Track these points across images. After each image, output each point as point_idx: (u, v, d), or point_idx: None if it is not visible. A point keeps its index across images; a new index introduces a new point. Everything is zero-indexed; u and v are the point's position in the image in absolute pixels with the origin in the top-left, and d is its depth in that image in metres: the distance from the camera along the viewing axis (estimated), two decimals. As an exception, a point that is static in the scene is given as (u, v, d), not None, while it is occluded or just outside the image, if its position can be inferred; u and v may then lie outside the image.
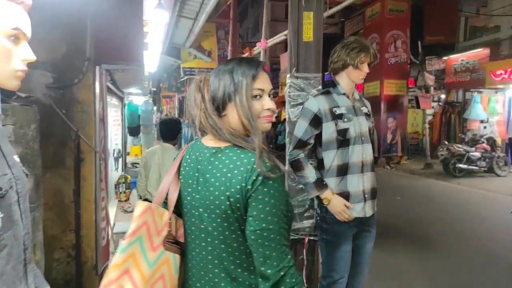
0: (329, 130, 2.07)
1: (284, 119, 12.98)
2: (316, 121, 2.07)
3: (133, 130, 9.82)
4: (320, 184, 2.06)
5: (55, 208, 3.36)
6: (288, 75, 2.32)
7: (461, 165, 9.65)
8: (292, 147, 2.13)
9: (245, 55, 4.94)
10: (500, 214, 6.33)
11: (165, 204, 1.24)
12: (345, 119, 2.06)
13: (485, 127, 11.34)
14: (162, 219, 1.20)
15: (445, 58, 13.29)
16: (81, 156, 3.61)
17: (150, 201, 1.22)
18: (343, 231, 2.05)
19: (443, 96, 14.07)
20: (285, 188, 1.10)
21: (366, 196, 2.09)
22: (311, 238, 2.30)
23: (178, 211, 1.23)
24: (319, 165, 2.15)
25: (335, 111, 2.08)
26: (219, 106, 1.14)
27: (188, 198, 1.16)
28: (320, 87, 2.33)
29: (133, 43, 3.81)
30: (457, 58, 12.77)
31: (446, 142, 10.69)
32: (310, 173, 2.07)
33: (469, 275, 4.01)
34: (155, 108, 19.28)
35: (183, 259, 1.21)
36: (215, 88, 1.15)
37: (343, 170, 2.06)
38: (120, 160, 7.88)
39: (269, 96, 1.18)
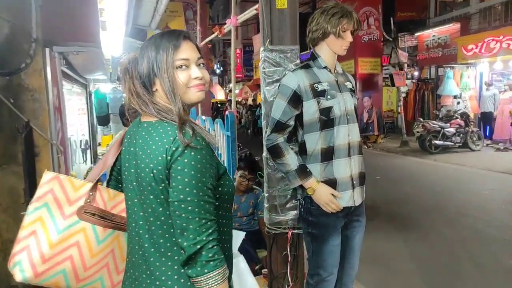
0: (310, 110, 1.83)
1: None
2: (296, 99, 1.82)
3: (102, 119, 9.34)
4: (303, 171, 1.83)
5: (10, 210, 3.04)
6: (261, 48, 2.05)
7: (437, 142, 9.69)
8: (270, 131, 1.88)
9: (215, 34, 4.62)
10: (477, 189, 6.38)
11: (114, 180, 1.33)
12: (328, 96, 1.82)
13: (458, 103, 11.44)
14: (78, 189, 1.26)
15: (417, 34, 13.26)
16: (36, 150, 3.26)
17: None
18: (331, 223, 1.83)
19: (416, 73, 14.10)
20: (213, 160, 1.10)
21: (354, 182, 1.87)
22: (295, 231, 2.07)
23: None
24: (301, 150, 1.91)
25: (317, 87, 1.83)
26: (145, 82, 1.15)
27: (126, 173, 1.19)
28: (298, 61, 2.06)
29: (87, 21, 3.43)
30: (428, 34, 12.75)
31: (421, 119, 10.72)
32: (291, 159, 1.83)
33: (453, 253, 3.96)
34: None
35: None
36: (140, 64, 1.15)
37: (328, 155, 1.83)
38: (88, 151, 7.46)
39: (200, 65, 1.17)
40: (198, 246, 1.01)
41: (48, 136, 3.32)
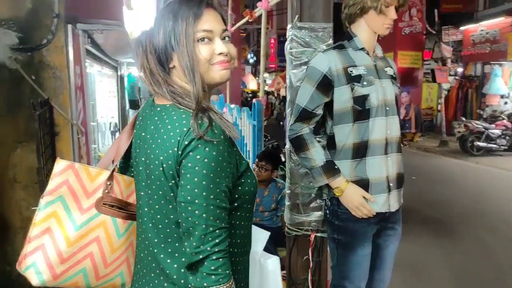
0: (343, 97, 1.57)
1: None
2: (326, 84, 1.57)
3: (134, 103, 9.39)
4: (331, 169, 1.57)
5: (29, 188, 2.99)
6: (288, 26, 1.79)
7: (479, 143, 9.07)
8: (294, 120, 1.62)
9: (245, 19, 4.39)
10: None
11: (123, 164, 1.19)
12: (365, 83, 1.55)
13: (505, 103, 10.69)
14: (95, 179, 1.12)
15: (463, 28, 12.45)
16: (56, 129, 3.18)
17: None
18: (360, 230, 1.58)
19: (460, 70, 13.28)
20: (231, 158, 0.95)
21: (390, 184, 1.60)
22: (319, 234, 1.83)
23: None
24: (329, 144, 1.65)
25: (351, 71, 1.57)
26: (161, 57, 0.99)
27: (137, 159, 1.06)
28: (330, 41, 1.79)
29: (112, -2, 3.29)
30: (476, 28, 11.92)
31: (464, 119, 10.09)
32: (317, 154, 1.58)
33: (493, 264, 3.60)
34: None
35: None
36: (156, 36, 0.99)
37: (360, 151, 1.57)
38: (117, 134, 7.48)
39: (225, 38, 1.01)
40: (200, 256, 0.89)
41: (68, 115, 3.23)
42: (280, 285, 1.87)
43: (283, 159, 4.75)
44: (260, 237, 1.87)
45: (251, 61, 27.58)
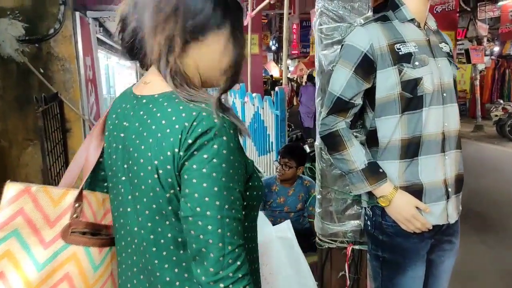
0: (388, 82, 1.26)
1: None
2: (367, 66, 1.26)
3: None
4: (375, 172, 1.27)
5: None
6: (318, -4, 1.49)
7: (520, 127, 8.50)
8: (326, 112, 1.33)
9: (266, 0, 4.10)
10: None
11: (90, 178, 0.95)
12: (416, 63, 1.24)
13: (548, 83, 9.94)
14: (59, 203, 0.88)
15: (500, 3, 11.62)
16: (67, 125, 3.02)
17: None
18: (413, 247, 1.28)
19: (496, 49, 12.47)
20: (242, 156, 0.78)
21: (449, 190, 1.29)
22: (356, 247, 1.55)
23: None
24: (370, 141, 1.36)
25: (399, 48, 1.25)
26: (193, 25, 0.77)
27: (114, 168, 0.87)
28: (369, 13, 1.48)
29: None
30: (515, 4, 11.12)
31: (501, 101, 9.45)
32: (356, 154, 1.29)
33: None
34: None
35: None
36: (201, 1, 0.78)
37: (411, 149, 1.27)
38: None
39: None
40: (222, 286, 0.71)
41: (79, 110, 3.06)
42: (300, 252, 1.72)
43: (308, 150, 4.48)
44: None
45: (273, 48, 27.14)
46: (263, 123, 3.96)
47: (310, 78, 10.51)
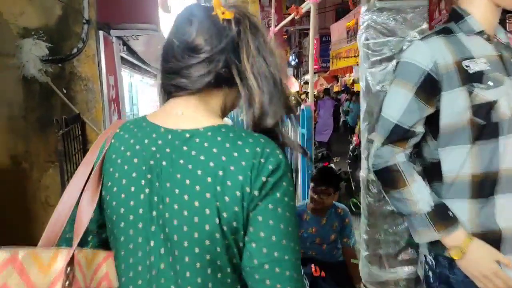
0: (456, 106, 1.08)
1: (353, 93, 11.11)
2: (430, 87, 1.09)
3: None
4: (443, 216, 1.07)
5: (63, 211, 2.80)
6: (363, 8, 1.33)
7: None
8: (380, 142, 1.15)
9: (291, 16, 4.03)
10: None
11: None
12: (490, 83, 1.06)
13: None
14: (49, 269, 0.73)
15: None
16: (88, 146, 2.94)
17: None
18: None
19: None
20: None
21: None
22: (411, 296, 1.35)
23: (102, 237, 0.82)
24: (432, 176, 1.17)
25: (468, 66, 1.08)
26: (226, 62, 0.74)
27: (128, 217, 0.72)
28: (425, 25, 1.31)
29: (145, 0, 3.02)
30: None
31: None
32: (419, 193, 1.09)
33: None
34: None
35: None
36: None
37: (486, 187, 1.08)
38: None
39: None
40: None
41: (101, 131, 2.98)
42: None
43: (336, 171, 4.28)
44: None
45: (292, 63, 27.25)
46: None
47: (327, 91, 10.43)
